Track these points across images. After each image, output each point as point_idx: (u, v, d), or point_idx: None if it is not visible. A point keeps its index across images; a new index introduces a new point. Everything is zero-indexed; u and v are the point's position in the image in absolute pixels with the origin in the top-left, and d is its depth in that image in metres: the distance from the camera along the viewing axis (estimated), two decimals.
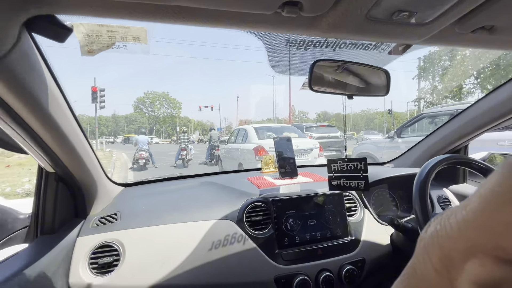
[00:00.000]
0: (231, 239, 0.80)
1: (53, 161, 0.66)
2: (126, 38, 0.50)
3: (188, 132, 10.31)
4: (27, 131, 0.53)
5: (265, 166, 1.30)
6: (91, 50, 0.49)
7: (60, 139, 0.61)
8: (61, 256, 0.71)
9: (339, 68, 0.66)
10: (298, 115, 47.46)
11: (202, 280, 0.75)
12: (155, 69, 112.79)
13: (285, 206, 0.86)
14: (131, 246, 0.76)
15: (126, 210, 0.88)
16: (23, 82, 0.43)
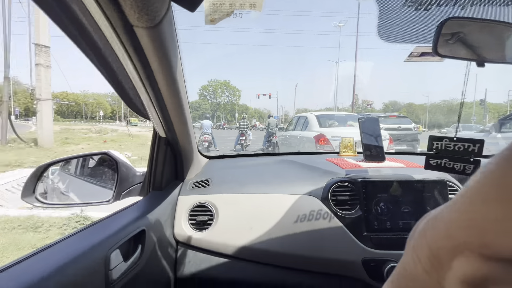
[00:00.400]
0: (316, 215, 0.79)
1: (167, 127, 0.76)
2: (244, 5, 0.52)
3: (247, 118, 10.66)
4: (157, 97, 0.61)
5: (344, 149, 1.23)
6: (213, 19, 0.53)
7: (177, 108, 0.69)
8: (168, 209, 0.82)
9: (472, 27, 0.55)
10: (362, 104, 43.59)
11: (288, 249, 0.77)
12: (218, 58, 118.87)
13: (375, 188, 0.80)
14: (223, 209, 0.84)
15: (216, 178, 0.96)
16: (166, 50, 0.49)
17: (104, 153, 0.85)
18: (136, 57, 0.48)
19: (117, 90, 0.61)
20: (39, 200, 0.78)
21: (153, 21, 0.40)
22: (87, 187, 1.05)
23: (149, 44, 0.45)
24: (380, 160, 1.00)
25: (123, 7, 0.36)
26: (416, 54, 0.70)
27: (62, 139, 10.86)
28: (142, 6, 0.36)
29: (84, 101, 70.71)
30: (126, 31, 0.41)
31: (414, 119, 49.91)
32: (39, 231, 2.62)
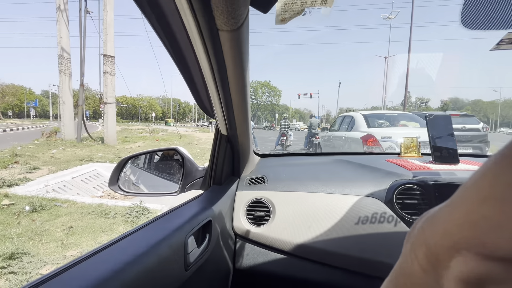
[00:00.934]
0: (380, 218, 0.75)
1: (230, 124, 0.80)
2: (315, 2, 0.52)
3: (288, 118, 10.57)
4: (225, 96, 0.65)
5: (405, 149, 1.14)
6: (283, 18, 0.54)
7: (241, 106, 0.72)
8: (227, 203, 0.87)
9: None
10: (415, 102, 39.44)
11: (349, 250, 0.75)
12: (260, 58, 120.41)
13: (451, 193, 0.72)
14: (280, 206, 0.85)
15: (271, 175, 0.98)
16: (242, 51, 0.52)
17: (173, 149, 0.93)
18: (214, 58, 0.51)
19: (190, 88, 0.67)
20: (121, 188, 0.89)
21: (236, 24, 0.43)
22: (154, 179, 1.17)
23: (229, 46, 0.48)
24: (453, 162, 0.90)
25: (214, 12, 0.40)
26: (508, 41, 0.61)
27: (123, 137, 12.27)
28: (231, 11, 0.39)
29: (139, 104, 78.72)
30: (211, 34, 0.45)
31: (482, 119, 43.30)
32: (107, 217, 3.00)
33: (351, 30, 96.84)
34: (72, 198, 3.67)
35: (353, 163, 1.04)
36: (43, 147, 7.96)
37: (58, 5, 9.42)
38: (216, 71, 0.56)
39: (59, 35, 9.53)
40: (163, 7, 0.42)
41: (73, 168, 5.40)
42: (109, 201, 3.67)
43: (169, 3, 0.40)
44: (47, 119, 59.89)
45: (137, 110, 78.78)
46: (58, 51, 9.63)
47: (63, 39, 9.59)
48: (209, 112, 0.80)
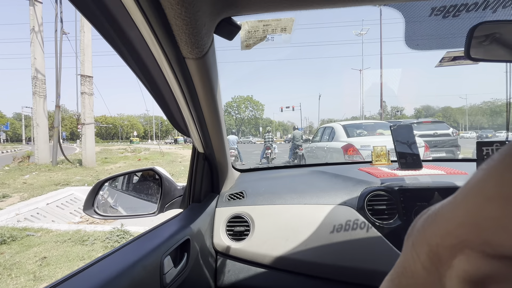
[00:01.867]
0: (353, 225, 0.79)
1: (205, 143, 0.83)
2: (276, 30, 0.58)
3: (271, 131, 10.72)
4: (198, 116, 0.68)
5: (376, 158, 1.21)
6: (248, 44, 0.59)
7: (215, 126, 0.75)
8: (207, 220, 0.87)
9: (507, 30, 0.54)
10: (391, 111, 41.64)
11: (326, 259, 0.77)
12: (241, 75, 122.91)
13: (415, 197, 0.78)
14: (259, 220, 0.87)
15: (250, 190, 1.00)
16: (210, 76, 0.56)
17: (150, 169, 0.94)
18: (184, 82, 0.55)
19: (163, 110, 0.69)
20: (97, 212, 0.87)
21: (201, 53, 0.47)
22: (133, 201, 1.15)
23: (196, 72, 0.52)
24: (417, 168, 0.97)
25: (179, 43, 0.43)
26: (448, 59, 0.69)
27: (102, 158, 11.81)
28: (194, 41, 0.43)
29: (120, 123, 76.68)
30: (178, 62, 0.48)
31: (452, 124, 46.16)
32: (85, 244, 2.84)
33: (328, 46, 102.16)
34: (47, 226, 3.45)
35: (328, 174, 1.08)
36: (14, 173, 7.48)
37: (32, 27, 9.23)
38: (187, 95, 0.59)
39: (33, 57, 9.27)
40: (128, 35, 0.45)
41: (47, 193, 5.10)
42: (87, 226, 3.48)
43: (137, 35, 0.43)
44: (20, 143, 56.61)
45: (117, 130, 76.57)
46: (32, 73, 9.33)
47: (38, 61, 9.33)
48: (185, 132, 0.82)
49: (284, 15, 0.56)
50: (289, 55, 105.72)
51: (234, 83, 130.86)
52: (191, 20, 0.38)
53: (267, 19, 0.56)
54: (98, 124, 62.19)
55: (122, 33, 0.45)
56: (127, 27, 0.43)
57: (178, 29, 0.40)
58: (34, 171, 7.95)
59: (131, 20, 0.41)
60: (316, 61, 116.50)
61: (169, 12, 0.37)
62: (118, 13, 0.40)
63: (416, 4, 0.58)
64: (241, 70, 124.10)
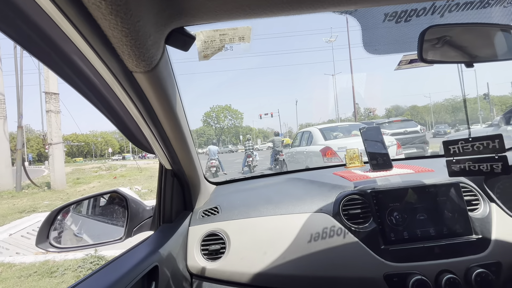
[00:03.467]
0: (330, 232, 0.78)
1: (172, 159, 0.78)
2: (233, 39, 0.56)
3: (252, 139, 10.74)
4: (159, 132, 0.64)
5: (350, 160, 1.22)
6: (206, 55, 0.57)
7: (180, 140, 0.71)
8: (180, 241, 0.82)
9: (455, 31, 0.57)
10: (364, 112, 43.68)
11: (305, 271, 0.75)
12: (218, 85, 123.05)
13: (387, 198, 0.78)
14: (234, 235, 0.83)
15: (224, 204, 0.96)
16: (165, 89, 0.52)
17: (114, 191, 0.87)
18: (137, 98, 0.51)
19: (120, 129, 0.64)
20: (53, 245, 0.78)
21: (150, 66, 0.43)
22: (99, 226, 1.06)
23: (148, 86, 0.48)
24: (387, 168, 0.99)
25: (121, 56, 0.39)
26: (405, 62, 0.72)
27: (74, 179, 11.06)
28: (139, 54, 0.39)
29: (93, 140, 72.86)
30: (126, 77, 0.44)
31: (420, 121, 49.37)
32: (54, 276, 2.59)
33: (300, 53, 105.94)
34: (9, 260, 3.11)
35: (304, 180, 1.07)
36: None
37: None
38: (143, 111, 0.55)
39: None
40: (66, 52, 0.40)
41: (10, 223, 4.64)
42: (57, 255, 3.19)
43: (73, 49, 0.39)
44: None
45: (90, 148, 72.59)
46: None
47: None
48: (148, 149, 0.77)
49: (241, 23, 0.55)
50: (263, 63, 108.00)
51: (210, 93, 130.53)
52: (131, 31, 0.35)
53: (223, 28, 0.54)
54: (69, 143, 58.57)
55: (54, 47, 0.40)
56: (58, 39, 0.38)
57: (117, 41, 0.36)
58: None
59: (62, 32, 0.37)
60: (290, 68, 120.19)
61: (103, 23, 0.33)
62: (45, 26, 0.36)
63: (370, 11, 0.59)
64: (216, 80, 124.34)
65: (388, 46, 0.67)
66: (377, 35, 0.64)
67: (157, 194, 0.88)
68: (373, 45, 0.67)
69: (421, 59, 0.56)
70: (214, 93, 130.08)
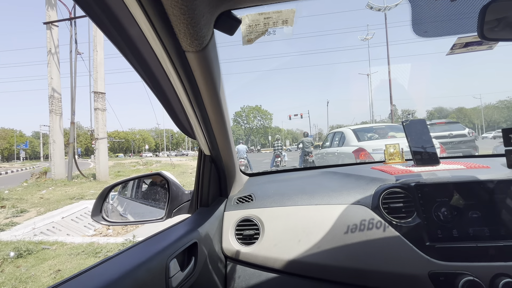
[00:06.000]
0: (368, 224, 0.74)
1: (212, 145, 0.81)
2: (277, 22, 0.57)
3: (281, 139, 10.69)
4: (203, 116, 0.67)
5: (389, 156, 1.16)
6: (250, 39, 0.58)
7: (221, 126, 0.74)
8: (215, 224, 0.85)
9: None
10: (402, 114, 40.82)
11: (341, 261, 0.72)
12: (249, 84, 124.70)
13: (433, 193, 0.73)
14: (268, 222, 0.83)
15: (258, 192, 0.97)
16: (212, 71, 0.55)
17: (157, 173, 0.93)
18: (186, 79, 0.54)
19: (168, 111, 0.69)
20: (105, 219, 0.87)
21: (201, 45, 0.46)
22: (142, 207, 1.14)
23: (198, 66, 0.51)
24: (434, 164, 0.92)
25: (178, 35, 0.43)
26: (460, 46, 0.66)
27: (116, 172, 12.06)
28: (193, 33, 0.42)
29: (132, 137, 78.66)
30: (179, 56, 0.48)
31: (468, 125, 44.68)
32: (98, 256, 2.85)
33: (333, 52, 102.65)
34: (61, 239, 3.50)
35: (338, 173, 1.04)
36: (32, 189, 7.71)
37: (49, 49, 9.74)
38: (189, 92, 0.58)
39: (49, 77, 9.73)
40: (129, 32, 0.45)
41: (63, 207, 5.21)
42: (100, 239, 3.51)
43: (135, 29, 0.43)
44: (38, 160, 58.84)
45: (129, 144, 78.44)
46: (49, 92, 9.77)
47: (54, 80, 9.78)
48: (190, 134, 0.81)
49: (285, 6, 0.55)
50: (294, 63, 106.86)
51: (241, 93, 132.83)
52: (188, 9, 0.38)
53: (268, 11, 0.55)
54: (111, 139, 63.96)
55: (122, 30, 0.45)
56: (127, 23, 0.43)
57: (175, 19, 0.39)
58: (51, 186, 8.18)
59: (131, 16, 0.41)
60: (322, 67, 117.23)
61: (166, 1, 0.36)
62: (118, 9, 0.41)
63: None
64: (248, 80, 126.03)
65: (441, 26, 0.63)
66: (429, 15, 0.60)
67: (196, 179, 0.92)
68: (423, 25, 0.63)
69: (482, 37, 0.51)
70: (245, 93, 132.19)
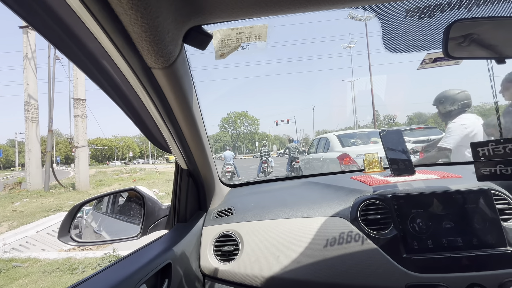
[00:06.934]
0: (347, 237, 0.74)
1: (188, 159, 0.79)
2: (250, 38, 0.56)
3: (268, 145, 10.74)
4: (176, 130, 0.65)
5: (369, 165, 1.18)
6: (222, 54, 0.57)
7: (196, 139, 0.72)
8: (193, 241, 0.82)
9: (483, 27, 0.54)
10: (384, 120, 42.24)
11: (320, 277, 0.71)
12: (236, 91, 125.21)
13: (409, 204, 0.74)
14: (248, 237, 0.81)
15: (239, 205, 0.95)
16: (181, 85, 0.53)
17: (131, 189, 0.89)
18: (155, 95, 0.52)
19: (140, 128, 0.66)
20: (73, 239, 0.81)
21: (168, 62, 0.44)
22: (117, 224, 1.09)
23: (166, 82, 0.49)
24: (409, 174, 0.94)
25: (141, 52, 0.41)
26: (429, 61, 0.69)
27: (97, 181, 11.58)
28: (157, 50, 0.40)
29: (115, 144, 76.25)
30: (145, 73, 0.46)
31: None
32: (75, 272, 2.69)
33: (317, 60, 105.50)
34: (35, 255, 3.28)
35: (319, 184, 1.04)
36: (4, 201, 7.24)
37: (25, 54, 9.33)
38: (160, 108, 0.56)
39: (26, 83, 9.30)
40: (89, 48, 0.42)
41: (38, 220, 4.91)
42: (78, 253, 3.32)
43: (95, 45, 0.41)
44: (13, 170, 55.59)
45: (112, 151, 75.94)
46: (25, 98, 9.31)
47: (30, 86, 9.35)
48: (166, 148, 0.78)
49: (257, 22, 0.55)
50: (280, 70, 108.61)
51: (229, 99, 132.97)
52: (150, 26, 0.36)
53: (240, 26, 0.55)
54: (93, 146, 61.68)
55: (82, 47, 0.42)
56: (86, 39, 0.41)
57: (137, 37, 0.37)
58: (25, 197, 7.72)
59: (89, 32, 0.39)
60: (307, 74, 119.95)
61: (124, 18, 0.34)
62: (74, 25, 0.38)
63: (391, 6, 0.57)
64: (234, 86, 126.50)
65: (410, 43, 0.65)
66: (398, 32, 0.62)
67: (173, 194, 0.89)
68: (394, 43, 0.64)
69: (446, 54, 0.53)
70: (231, 99, 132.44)
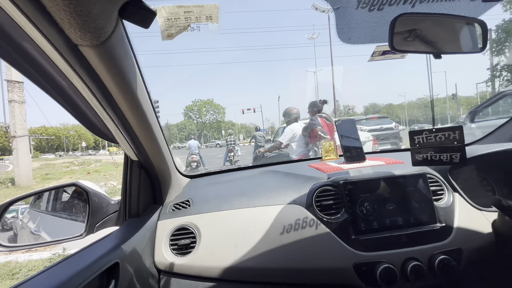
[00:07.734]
0: (302, 223, 0.77)
1: (137, 149, 0.73)
2: (200, 18, 0.52)
3: (234, 134, 10.69)
4: (120, 118, 0.58)
5: (325, 153, 1.23)
6: (170, 34, 0.52)
7: (145, 127, 0.66)
8: (146, 237, 0.77)
9: (425, 23, 0.57)
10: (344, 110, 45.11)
11: (277, 263, 0.73)
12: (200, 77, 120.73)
13: (358, 189, 0.79)
14: (205, 229, 0.80)
15: (197, 197, 0.92)
16: (120, 67, 0.47)
17: (72, 184, 0.80)
18: (88, 78, 0.45)
19: (76, 116, 0.58)
20: (1, 244, 0.71)
21: (99, 39, 0.38)
22: (59, 222, 0.98)
23: (99, 62, 0.43)
24: (360, 160, 1.00)
25: (61, 25, 0.34)
26: (378, 53, 0.72)
27: (43, 175, 10.36)
28: (82, 24, 0.34)
29: (64, 133, 68.60)
30: (71, 51, 0.39)
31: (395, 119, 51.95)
32: (16, 277, 2.41)
33: (283, 48, 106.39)
34: None
35: (279, 173, 1.06)
36: None
37: None
38: (96, 92, 0.49)
39: None
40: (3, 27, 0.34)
41: None
42: (20, 256, 2.97)
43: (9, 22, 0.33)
44: None
45: (61, 141, 68.34)
46: None
47: None
48: (111, 139, 0.71)
49: (209, 1, 0.51)
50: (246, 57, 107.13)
51: (192, 86, 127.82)
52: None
53: (188, 4, 0.50)
54: (37, 136, 54.63)
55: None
56: None
57: (52, 6, 0.31)
58: None
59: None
60: (273, 63, 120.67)
61: None
62: None
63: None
64: (198, 72, 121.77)
65: (361, 35, 0.67)
66: (351, 22, 0.63)
67: (122, 187, 0.82)
68: (347, 33, 0.66)
69: (392, 47, 0.56)
70: (196, 87, 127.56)
